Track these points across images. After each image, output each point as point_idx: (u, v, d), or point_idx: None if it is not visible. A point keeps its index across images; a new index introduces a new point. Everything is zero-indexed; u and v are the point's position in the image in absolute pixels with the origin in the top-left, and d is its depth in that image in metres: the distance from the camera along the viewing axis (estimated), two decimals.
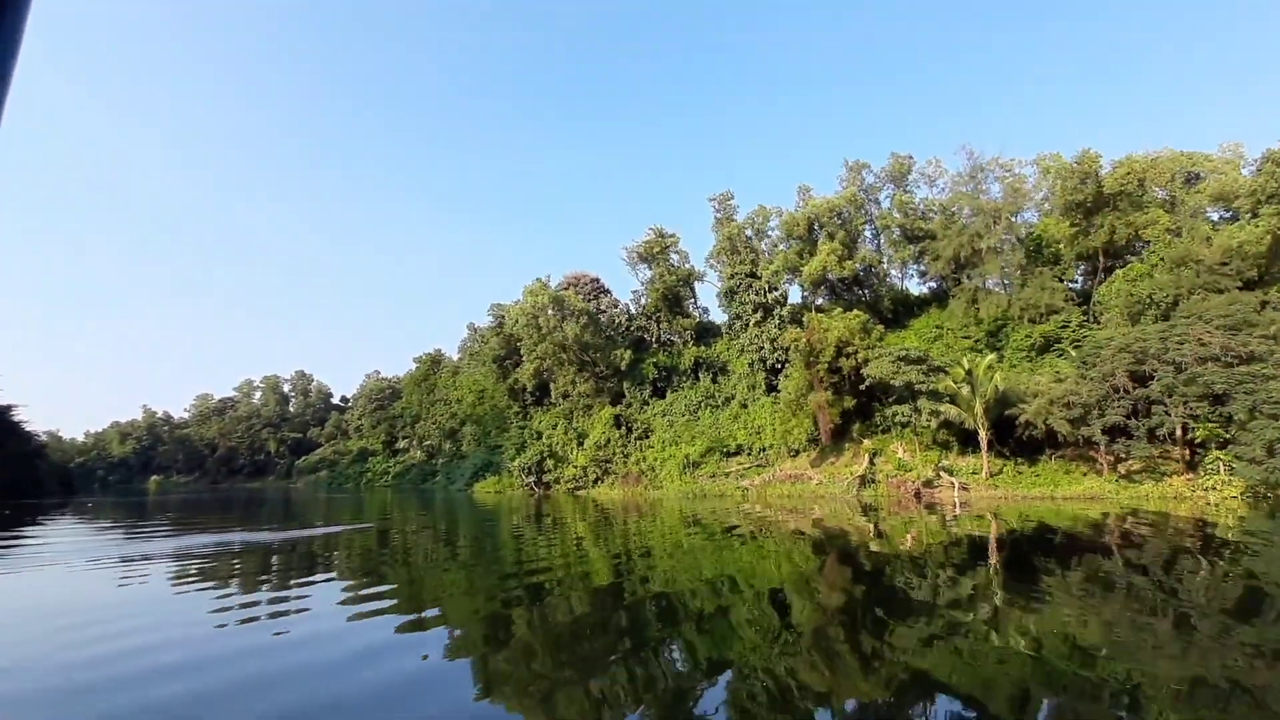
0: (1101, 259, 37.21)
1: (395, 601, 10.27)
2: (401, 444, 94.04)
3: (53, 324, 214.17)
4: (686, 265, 58.89)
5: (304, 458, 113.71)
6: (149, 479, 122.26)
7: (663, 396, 49.53)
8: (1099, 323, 34.70)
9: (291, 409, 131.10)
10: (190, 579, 12.86)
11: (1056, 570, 12.57)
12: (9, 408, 50.96)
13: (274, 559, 16.21)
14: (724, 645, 7.69)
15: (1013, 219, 38.71)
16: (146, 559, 15.72)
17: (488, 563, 15.28)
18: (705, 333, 56.09)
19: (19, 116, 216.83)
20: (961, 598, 10.14)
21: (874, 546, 16.67)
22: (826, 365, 33.97)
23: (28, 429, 54.07)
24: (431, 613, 9.64)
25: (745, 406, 44.64)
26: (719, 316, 60.98)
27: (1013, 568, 13.17)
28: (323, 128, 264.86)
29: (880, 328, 36.85)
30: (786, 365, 42.81)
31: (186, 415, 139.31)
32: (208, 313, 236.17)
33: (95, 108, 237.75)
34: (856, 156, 54.17)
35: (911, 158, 51.24)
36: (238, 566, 14.58)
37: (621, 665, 6.90)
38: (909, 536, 18.11)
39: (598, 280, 66.81)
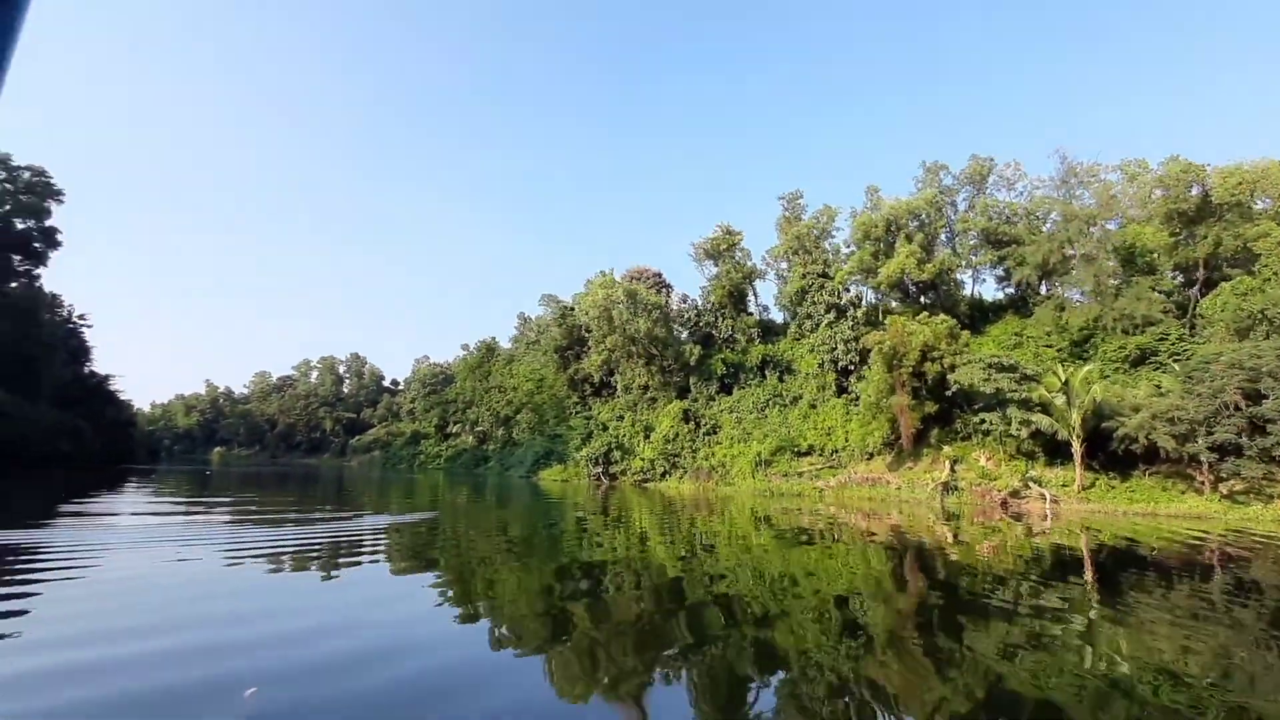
0: (1202, 270, 35.95)
1: (448, 581, 10.62)
2: (454, 428, 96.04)
3: (114, 297, 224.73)
4: (749, 263, 58.89)
5: (358, 437, 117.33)
6: (212, 450, 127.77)
7: (729, 393, 49.71)
8: (1196, 336, 33.63)
9: (346, 390, 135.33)
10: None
11: (1156, 590, 11.97)
12: (107, 377, 54.22)
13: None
14: (788, 643, 7.56)
15: (1107, 226, 37.67)
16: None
17: (562, 555, 15.51)
18: (767, 331, 55.97)
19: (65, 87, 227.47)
20: (1046, 611, 9.64)
21: (954, 554, 16.28)
22: (910, 370, 33.68)
23: (123, 399, 57.51)
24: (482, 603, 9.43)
25: (814, 407, 44.53)
26: (776, 315, 61.03)
27: (1107, 583, 12.57)
28: (380, 124, 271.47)
29: (966, 333, 36.30)
30: (860, 367, 42.58)
31: (246, 391, 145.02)
32: (263, 294, 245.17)
33: (130, 88, 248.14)
34: (924, 158, 53.16)
35: (992, 159, 50.18)
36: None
37: (681, 658, 6.81)
38: (990, 545, 17.72)
39: (660, 275, 67.21)
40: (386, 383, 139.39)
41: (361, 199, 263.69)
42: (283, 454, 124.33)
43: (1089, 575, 13.24)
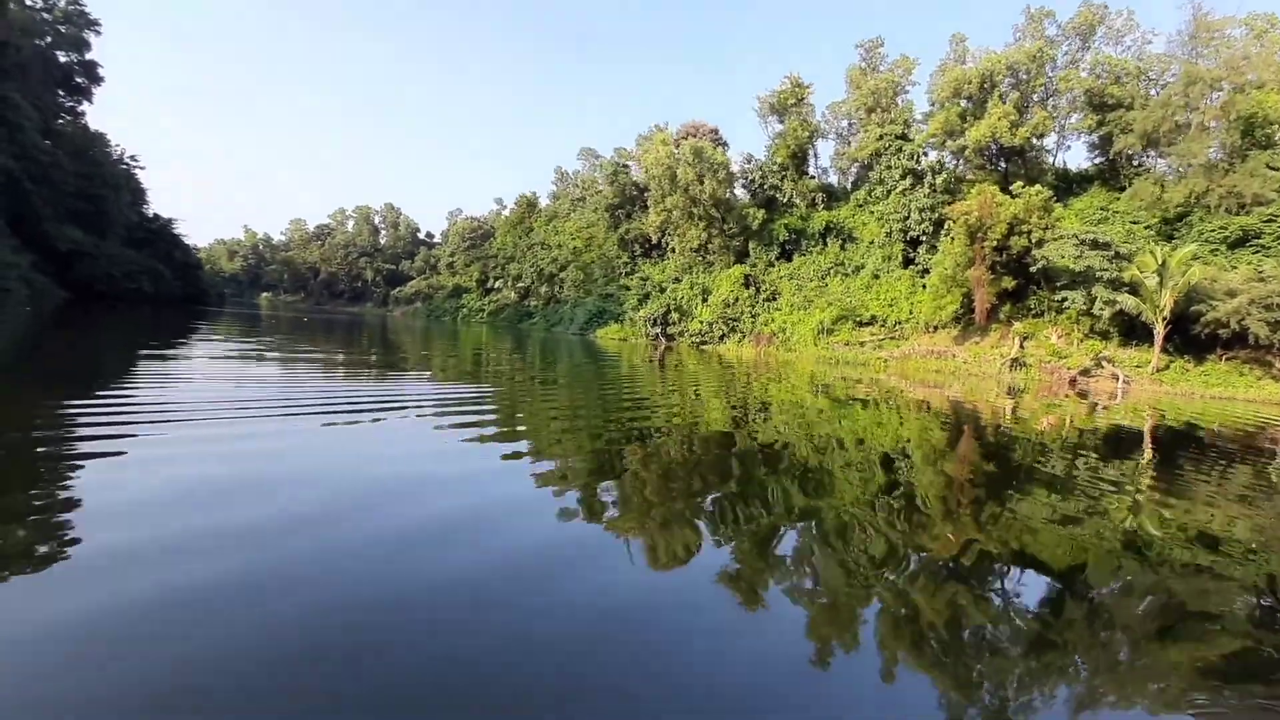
0: None
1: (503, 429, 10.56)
2: (495, 284, 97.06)
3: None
4: (813, 119, 55.46)
5: (399, 288, 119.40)
6: (259, 295, 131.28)
7: (789, 260, 49.02)
8: None
9: (383, 240, 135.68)
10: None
11: (1215, 469, 11.48)
12: (171, 220, 54.86)
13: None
14: (827, 494, 7.56)
15: (1234, 93, 34.28)
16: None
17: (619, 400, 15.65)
18: (827, 196, 53.89)
19: None
20: (1095, 482, 9.39)
21: (1009, 425, 15.97)
22: (994, 243, 32.70)
23: (187, 242, 58.51)
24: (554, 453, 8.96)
25: (878, 277, 43.97)
26: (832, 178, 58.38)
27: (1165, 460, 12.25)
28: None
29: (1059, 207, 34.63)
30: (932, 237, 41.34)
31: (284, 238, 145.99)
32: (289, 136, 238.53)
33: None
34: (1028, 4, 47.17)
35: (1105, 6, 44.93)
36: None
37: (722, 501, 6.88)
38: (1050, 420, 17.45)
39: (716, 131, 63.81)
40: (422, 235, 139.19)
41: (380, 45, 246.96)
42: (327, 302, 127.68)
43: (1147, 452, 12.97)
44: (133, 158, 56.29)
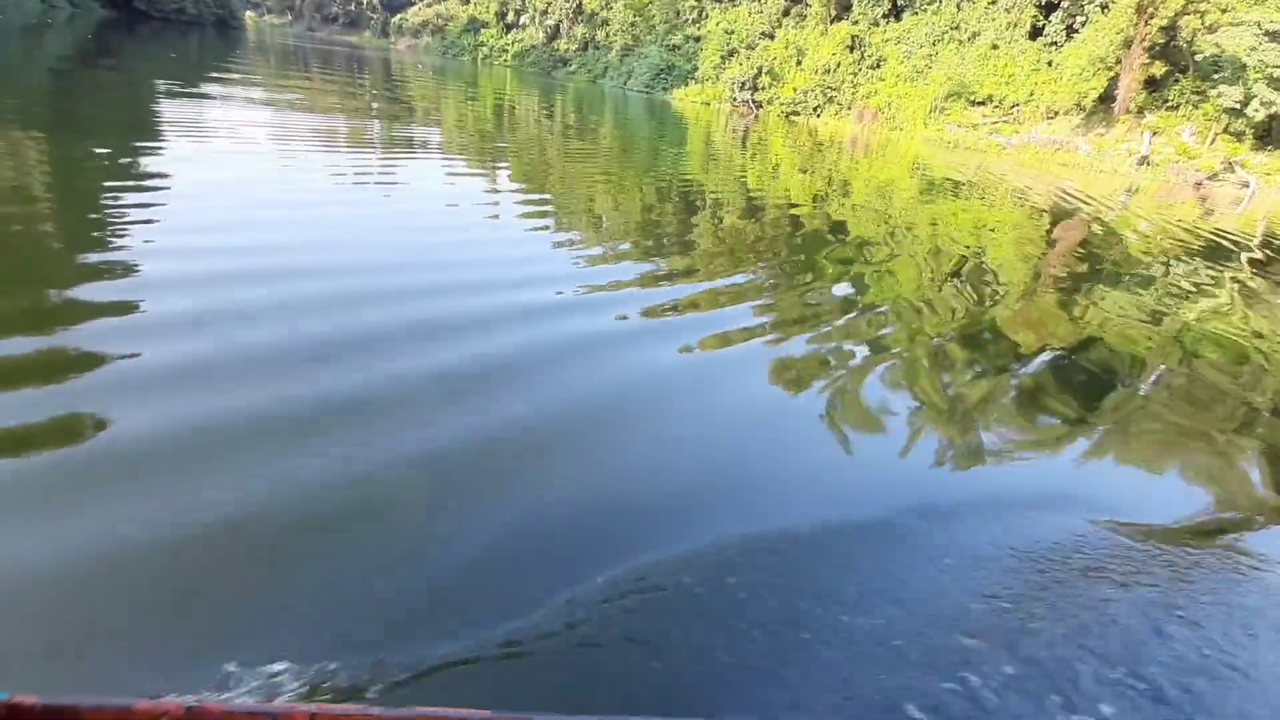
0: None
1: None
2: (521, 19, 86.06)
3: None
4: None
5: (401, 15, 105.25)
6: (243, 13, 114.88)
7: (899, 18, 43.94)
8: None
9: None
10: None
11: None
12: None
13: None
14: (888, 271, 7.57)
15: None
16: None
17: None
18: None
19: None
20: (1179, 285, 9.15)
21: (1111, 221, 15.33)
22: (1163, 22, 29.77)
23: None
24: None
25: (996, 48, 40.19)
26: None
27: (1261, 272, 11.85)
28: None
29: None
30: (1072, 3, 37.08)
31: None
32: None
33: None
34: None
35: None
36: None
37: (777, 269, 6.99)
38: (1159, 221, 17.00)
39: None
40: None
41: None
42: (320, 27, 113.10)
43: (1245, 261, 12.67)
44: None
